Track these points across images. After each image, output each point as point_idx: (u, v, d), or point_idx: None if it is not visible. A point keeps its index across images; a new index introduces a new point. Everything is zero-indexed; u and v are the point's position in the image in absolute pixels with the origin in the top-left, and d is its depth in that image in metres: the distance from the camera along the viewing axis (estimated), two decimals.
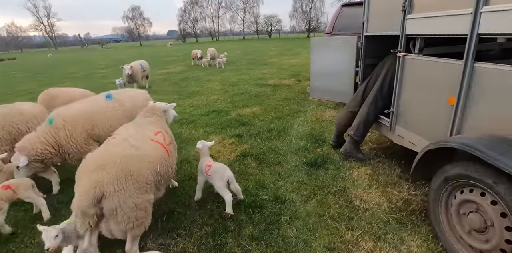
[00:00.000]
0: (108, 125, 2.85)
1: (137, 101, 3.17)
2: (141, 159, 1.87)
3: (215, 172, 2.42)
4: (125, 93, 3.24)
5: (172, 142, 2.47)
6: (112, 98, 3.05)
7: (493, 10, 1.62)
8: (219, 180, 2.37)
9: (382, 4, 2.75)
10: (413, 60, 2.39)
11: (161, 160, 2.03)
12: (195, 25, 69.99)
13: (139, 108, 3.04)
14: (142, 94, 3.33)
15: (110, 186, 1.64)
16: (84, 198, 1.61)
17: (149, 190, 1.84)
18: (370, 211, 2.38)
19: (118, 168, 1.71)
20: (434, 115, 2.22)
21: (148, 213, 1.84)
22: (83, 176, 1.72)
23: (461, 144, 1.65)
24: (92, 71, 14.75)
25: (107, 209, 1.67)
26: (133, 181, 1.73)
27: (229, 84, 8.38)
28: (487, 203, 1.65)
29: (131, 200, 1.70)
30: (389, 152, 3.42)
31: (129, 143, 1.96)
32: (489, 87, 1.74)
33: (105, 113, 2.89)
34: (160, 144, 2.15)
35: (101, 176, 1.65)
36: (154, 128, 2.30)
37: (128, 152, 1.86)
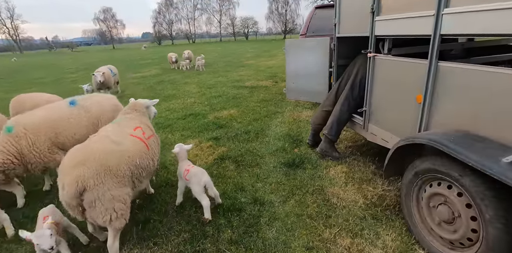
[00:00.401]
0: (72, 133, 2.71)
1: (104, 106, 3.02)
2: (120, 155, 1.97)
3: (193, 176, 2.37)
4: (91, 98, 3.08)
5: (154, 135, 2.50)
6: (76, 104, 2.89)
7: (453, 12, 1.71)
8: (196, 185, 2.31)
9: (352, 6, 2.83)
10: (383, 60, 2.47)
11: (140, 154, 2.13)
12: (171, 27, 68.88)
13: (107, 114, 2.92)
14: (109, 99, 3.18)
15: (90, 180, 1.76)
16: (66, 191, 1.74)
17: (127, 184, 1.96)
18: (347, 208, 2.42)
19: (98, 164, 1.82)
20: (403, 112, 2.31)
21: (127, 205, 1.93)
22: (66, 170, 1.81)
23: (429, 140, 1.72)
24: (61, 75, 14.04)
25: (87, 202, 1.79)
26: (111, 175, 1.85)
27: (206, 86, 8.29)
28: (453, 195, 1.73)
29: (110, 193, 1.82)
30: (363, 149, 3.51)
31: (110, 139, 2.06)
32: (452, 85, 1.83)
33: (69, 120, 2.73)
34: (139, 138, 2.23)
35: (82, 171, 1.76)
36: (132, 123, 2.38)
37: (108, 148, 1.97)
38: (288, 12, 62.90)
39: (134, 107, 2.60)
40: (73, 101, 2.91)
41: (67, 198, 1.77)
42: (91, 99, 3.04)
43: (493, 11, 1.51)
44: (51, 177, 3.13)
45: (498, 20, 1.50)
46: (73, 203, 1.79)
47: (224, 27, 69.33)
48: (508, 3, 1.44)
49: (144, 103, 2.70)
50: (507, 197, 1.47)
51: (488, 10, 1.53)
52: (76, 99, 2.98)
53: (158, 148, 2.54)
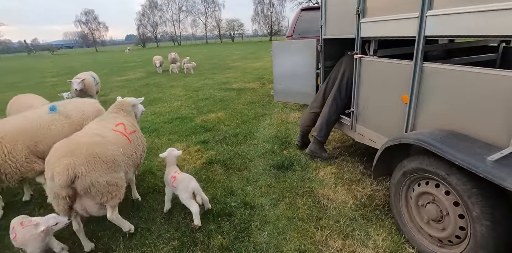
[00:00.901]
0: (53, 141, 2.56)
1: (86, 112, 2.90)
2: (104, 144, 2.06)
3: (180, 183, 2.31)
4: (71, 104, 2.94)
5: (136, 131, 2.55)
6: (56, 110, 2.75)
7: (436, 14, 1.74)
8: (184, 192, 2.25)
9: (338, 8, 2.85)
10: (369, 62, 2.50)
11: (123, 145, 2.22)
12: (155, 29, 68.02)
13: (89, 120, 2.82)
14: (91, 104, 3.06)
15: (81, 167, 1.83)
16: (58, 180, 1.76)
17: (117, 169, 2.05)
18: (337, 210, 2.42)
19: (86, 152, 1.90)
20: (390, 113, 2.33)
21: (120, 186, 2.03)
22: (54, 161, 1.85)
23: (416, 140, 1.74)
24: (40, 79, 13.55)
25: (81, 189, 1.85)
26: (100, 162, 1.93)
27: (193, 89, 8.19)
28: (441, 193, 1.75)
29: (102, 178, 1.91)
30: (351, 150, 3.54)
31: (93, 133, 2.16)
32: (436, 85, 1.86)
33: (49, 127, 2.60)
34: (120, 133, 2.31)
35: (71, 159, 1.83)
36: (115, 121, 2.46)
37: (92, 139, 2.06)
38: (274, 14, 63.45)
39: (120, 106, 2.66)
40: (53, 107, 2.77)
41: (57, 188, 1.79)
42: (71, 105, 2.91)
43: (474, 13, 1.55)
44: (31, 187, 2.99)
45: (479, 22, 1.54)
46: (62, 194, 1.82)
47: (210, 29, 69.15)
48: (488, 6, 1.47)
49: (131, 101, 2.73)
50: (493, 195, 1.50)
51: (470, 12, 1.57)
52: (57, 105, 2.84)
53: (143, 145, 2.56)
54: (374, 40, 2.51)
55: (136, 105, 2.82)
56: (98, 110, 3.03)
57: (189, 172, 3.23)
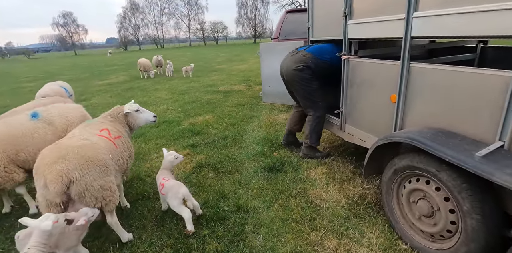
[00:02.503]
0: (36, 149, 2.41)
1: (69, 117, 2.78)
2: (94, 147, 2.01)
3: (169, 191, 2.24)
4: (54, 109, 2.80)
5: (122, 136, 2.47)
6: (39, 117, 2.62)
7: (422, 15, 1.79)
8: (174, 199, 2.20)
9: (324, 10, 2.89)
10: (356, 62, 2.55)
11: (110, 149, 2.18)
12: (137, 32, 66.87)
13: (74, 126, 2.69)
14: (75, 109, 2.92)
15: (75, 172, 1.79)
16: (52, 186, 1.71)
17: (109, 173, 2.02)
18: (330, 209, 2.43)
19: (78, 156, 1.85)
20: (379, 112, 2.38)
21: (113, 191, 2.00)
22: (44, 168, 1.79)
23: (406, 138, 1.78)
24: (16, 85, 12.97)
25: (76, 193, 1.81)
26: (93, 166, 1.89)
27: (179, 92, 8.09)
28: (432, 189, 1.80)
29: (96, 182, 1.88)
30: (340, 149, 3.59)
31: (78, 137, 2.10)
32: (423, 84, 1.91)
33: (32, 135, 2.46)
34: (105, 137, 2.26)
35: (64, 165, 1.78)
36: (99, 126, 2.41)
37: (81, 143, 2.00)
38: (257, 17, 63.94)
39: (111, 112, 2.63)
40: (35, 114, 2.63)
41: (53, 195, 1.74)
42: (55, 110, 2.77)
43: (457, 15, 1.61)
44: (11, 198, 2.83)
45: (462, 23, 1.60)
46: (56, 200, 1.77)
47: (193, 31, 68.74)
48: (470, 8, 1.53)
49: (122, 109, 2.65)
50: (482, 189, 1.54)
51: (453, 14, 1.62)
52: (38, 110, 2.71)
53: (129, 151, 2.49)
54: (354, 41, 2.56)
55: (133, 114, 2.66)
56: (83, 116, 2.91)
57: (179, 176, 3.17)
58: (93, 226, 2.33)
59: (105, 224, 2.32)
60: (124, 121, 2.66)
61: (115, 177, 2.11)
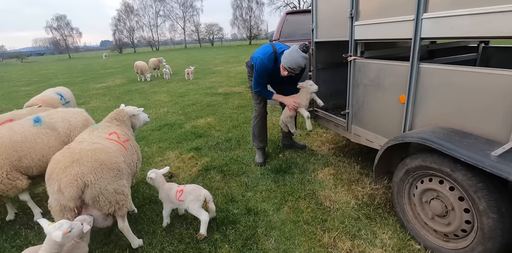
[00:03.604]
0: (40, 155, 2.38)
1: (72, 122, 2.72)
2: (107, 151, 1.99)
3: (188, 194, 2.20)
4: (57, 114, 2.74)
5: (130, 139, 2.47)
6: (41, 122, 2.57)
7: (432, 17, 1.80)
8: (195, 202, 2.17)
9: (329, 11, 2.90)
10: (363, 63, 2.55)
11: (121, 153, 2.17)
12: (132, 34, 66.61)
13: (77, 131, 2.66)
14: (78, 114, 2.88)
15: (89, 176, 1.77)
16: (67, 190, 1.69)
17: (122, 176, 2.00)
18: (340, 210, 2.43)
19: (92, 159, 1.84)
20: (387, 113, 2.39)
21: (126, 195, 1.99)
22: (58, 173, 1.76)
23: (419, 139, 1.78)
24: (12, 89, 12.81)
25: (90, 198, 1.79)
26: (107, 169, 1.88)
27: (178, 95, 8.05)
28: (446, 189, 1.80)
29: (110, 186, 1.86)
30: (346, 150, 3.59)
31: (89, 142, 2.07)
32: (434, 85, 1.92)
33: (36, 140, 2.41)
34: (115, 141, 2.25)
35: (79, 169, 1.76)
36: (107, 130, 2.38)
37: (93, 147, 1.98)
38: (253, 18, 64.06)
39: (115, 115, 2.58)
40: (38, 119, 2.57)
41: (67, 199, 1.71)
42: (57, 115, 2.72)
43: (467, 16, 1.62)
44: (14, 205, 2.78)
45: (472, 24, 1.61)
46: (71, 205, 1.74)
47: (189, 33, 68.67)
48: (482, 8, 1.54)
49: (128, 111, 2.64)
50: (498, 188, 1.55)
51: (463, 15, 1.64)
52: (40, 115, 2.65)
53: (137, 154, 2.48)
54: (360, 42, 2.57)
55: (136, 115, 2.73)
56: (86, 120, 2.86)
57: (185, 180, 3.15)
58: (102, 232, 2.31)
59: (113, 230, 2.30)
60: (130, 124, 2.67)
61: (127, 181, 2.09)
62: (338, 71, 3.46)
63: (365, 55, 2.63)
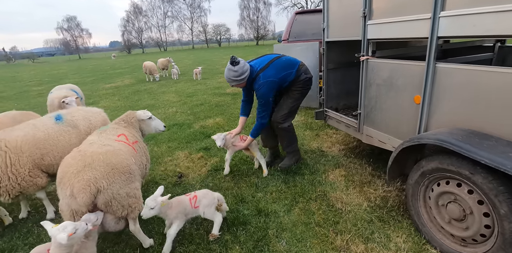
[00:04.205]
0: (62, 153, 2.38)
1: (92, 121, 2.76)
2: (118, 153, 1.97)
3: (202, 198, 2.16)
4: (78, 112, 2.78)
5: (139, 141, 2.45)
6: (63, 119, 2.59)
7: (449, 15, 1.75)
8: (211, 206, 2.15)
9: (341, 10, 2.86)
10: (376, 63, 2.51)
11: (132, 154, 2.16)
12: (140, 35, 67.38)
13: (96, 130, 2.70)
14: (97, 113, 2.92)
15: (102, 181, 1.75)
16: (81, 196, 1.67)
17: (133, 179, 1.98)
18: (352, 213, 2.39)
19: (104, 164, 1.82)
20: (401, 114, 2.34)
21: (138, 198, 1.98)
22: (70, 177, 1.74)
23: (436, 140, 1.74)
24: (23, 89, 13.07)
25: (102, 203, 1.78)
26: (119, 173, 1.86)
27: (186, 95, 8.08)
28: (464, 192, 1.75)
29: (122, 190, 1.85)
30: (356, 151, 3.54)
31: (99, 144, 2.05)
32: (450, 85, 1.87)
33: (58, 138, 2.44)
34: (124, 142, 2.24)
35: (92, 174, 1.74)
36: (116, 132, 2.37)
37: (104, 149, 1.96)
38: (260, 19, 64.09)
39: (124, 117, 2.58)
40: (59, 116, 2.60)
41: (80, 204, 1.69)
42: (78, 114, 2.75)
43: (488, 14, 1.57)
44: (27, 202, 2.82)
45: (493, 22, 1.56)
46: (83, 210, 1.74)
47: (196, 34, 69.08)
48: (501, 7, 1.49)
49: (138, 115, 2.63)
50: None
51: (483, 13, 1.59)
52: (61, 113, 2.68)
53: (146, 156, 2.46)
54: (373, 41, 2.53)
55: (146, 121, 2.67)
56: (104, 120, 2.90)
57: (194, 180, 3.15)
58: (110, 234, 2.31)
59: (124, 229, 2.30)
60: (138, 126, 2.65)
61: (139, 183, 2.09)
62: (349, 71, 3.42)
63: (376, 54, 2.59)
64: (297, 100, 3.13)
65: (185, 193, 2.27)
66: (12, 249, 2.26)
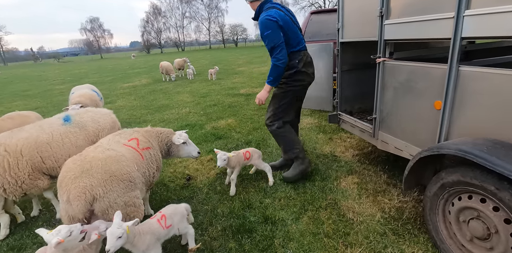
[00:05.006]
0: (66, 155, 2.37)
1: (101, 123, 2.74)
2: (119, 159, 1.92)
3: (174, 216, 1.96)
4: (87, 114, 2.75)
5: (152, 148, 2.36)
6: (71, 121, 2.58)
7: (474, 13, 1.60)
8: (183, 220, 2.01)
9: (357, 10, 2.72)
10: (393, 65, 2.36)
11: (136, 161, 2.08)
12: (159, 35, 68.86)
13: (105, 132, 2.66)
14: (106, 115, 2.86)
15: (98, 189, 1.71)
16: (75, 204, 1.65)
17: (134, 187, 1.92)
18: (364, 224, 2.26)
19: (102, 170, 1.77)
20: (420, 120, 2.18)
21: (138, 206, 1.91)
22: (68, 183, 1.72)
23: (458, 151, 1.59)
24: (48, 87, 13.63)
25: (99, 210, 1.74)
26: (117, 181, 1.81)
27: (200, 95, 8.11)
28: (488, 209, 1.59)
29: (120, 199, 1.79)
30: (371, 157, 3.38)
31: (103, 148, 2.02)
32: (476, 90, 1.71)
33: (63, 140, 2.42)
34: (132, 147, 2.17)
35: (87, 181, 1.71)
36: (129, 135, 2.32)
37: (106, 154, 1.92)
38: None
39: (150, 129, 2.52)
40: (67, 117, 2.59)
41: (76, 211, 1.67)
42: (87, 115, 2.73)
43: None
44: (40, 200, 2.87)
45: None
46: (79, 217, 1.70)
47: (213, 34, 69.71)
48: None
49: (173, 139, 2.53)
50: None
51: None
52: (70, 114, 2.67)
53: (157, 164, 2.36)
54: (390, 42, 2.38)
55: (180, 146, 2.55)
56: (113, 121, 2.86)
57: (202, 183, 3.11)
58: None
59: None
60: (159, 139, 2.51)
61: (141, 191, 2.03)
62: (364, 73, 3.27)
63: (394, 56, 2.44)
64: (282, 99, 2.85)
65: (191, 197, 2.22)
66: (21, 248, 2.29)
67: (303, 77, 2.81)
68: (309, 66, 2.83)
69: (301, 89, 2.90)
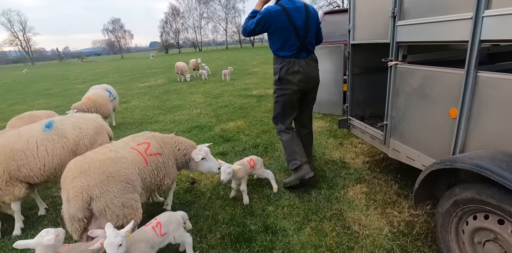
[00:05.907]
0: (41, 164, 2.31)
1: (83, 129, 2.58)
2: (117, 161, 1.92)
3: (170, 224, 1.90)
4: (68, 120, 2.62)
5: (163, 155, 2.31)
6: (52, 127, 2.49)
7: (495, 14, 1.45)
8: (179, 227, 1.95)
9: (368, 10, 2.58)
10: (406, 69, 2.21)
11: (138, 165, 2.06)
12: (177, 36, 70.08)
13: (87, 139, 2.56)
14: (90, 121, 2.68)
15: (95, 189, 1.74)
16: (73, 203, 1.69)
17: (132, 190, 1.91)
18: (371, 238, 2.12)
19: (99, 171, 1.80)
20: (434, 128, 2.03)
21: (135, 209, 1.91)
22: (68, 182, 1.78)
23: (474, 166, 1.44)
24: (69, 86, 14.14)
25: (96, 210, 1.77)
26: (115, 182, 1.82)
27: (212, 96, 8.12)
28: (507, 232, 1.43)
29: (117, 200, 1.80)
30: (383, 165, 3.21)
31: (108, 149, 2.05)
32: (495, 98, 1.55)
33: (38, 148, 2.35)
34: (138, 151, 2.16)
35: (85, 181, 1.74)
36: (141, 139, 2.31)
37: (106, 155, 1.94)
38: None
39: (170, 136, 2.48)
40: (50, 124, 2.51)
41: (74, 210, 1.72)
42: (69, 121, 2.61)
43: None
44: (45, 200, 2.92)
45: None
46: (79, 216, 1.74)
47: (230, 34, 70.11)
48: None
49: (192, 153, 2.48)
50: None
51: None
52: (54, 120, 2.59)
53: (167, 171, 2.29)
54: (403, 45, 2.23)
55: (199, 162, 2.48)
56: (98, 127, 2.70)
57: (206, 187, 3.06)
58: None
59: None
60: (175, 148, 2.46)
61: (140, 195, 2.01)
62: (376, 76, 3.11)
63: (407, 59, 2.28)
64: (276, 105, 2.92)
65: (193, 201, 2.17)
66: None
67: (287, 86, 2.73)
68: (296, 74, 2.69)
69: (289, 97, 2.78)
